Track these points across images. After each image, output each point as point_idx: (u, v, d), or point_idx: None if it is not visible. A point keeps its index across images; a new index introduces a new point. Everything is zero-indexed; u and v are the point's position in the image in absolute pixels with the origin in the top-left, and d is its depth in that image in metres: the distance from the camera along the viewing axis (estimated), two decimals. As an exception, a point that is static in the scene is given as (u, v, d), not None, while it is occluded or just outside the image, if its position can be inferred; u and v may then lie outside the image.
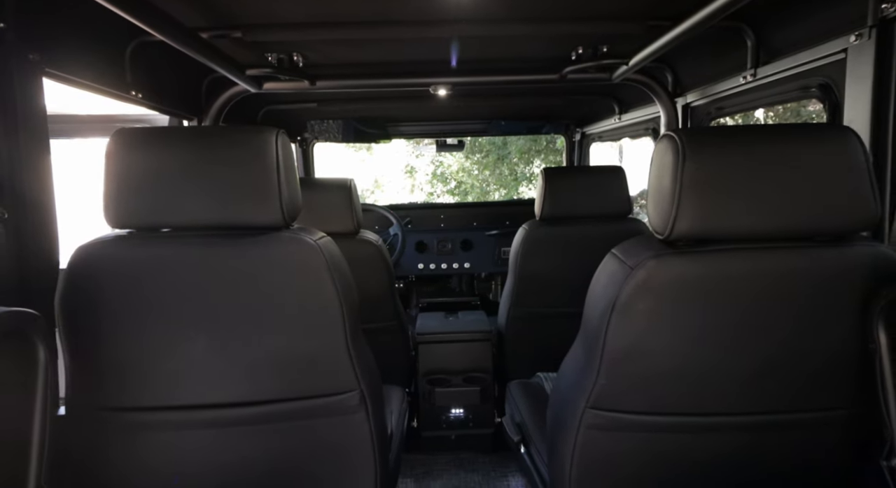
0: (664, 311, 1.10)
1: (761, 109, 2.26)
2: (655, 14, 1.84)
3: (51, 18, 1.42)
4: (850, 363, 1.13)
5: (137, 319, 1.18)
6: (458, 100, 3.10)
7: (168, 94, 2.12)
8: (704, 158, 1.05)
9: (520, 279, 2.47)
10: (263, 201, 1.17)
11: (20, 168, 1.28)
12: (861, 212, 1.04)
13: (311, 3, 1.72)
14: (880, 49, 1.35)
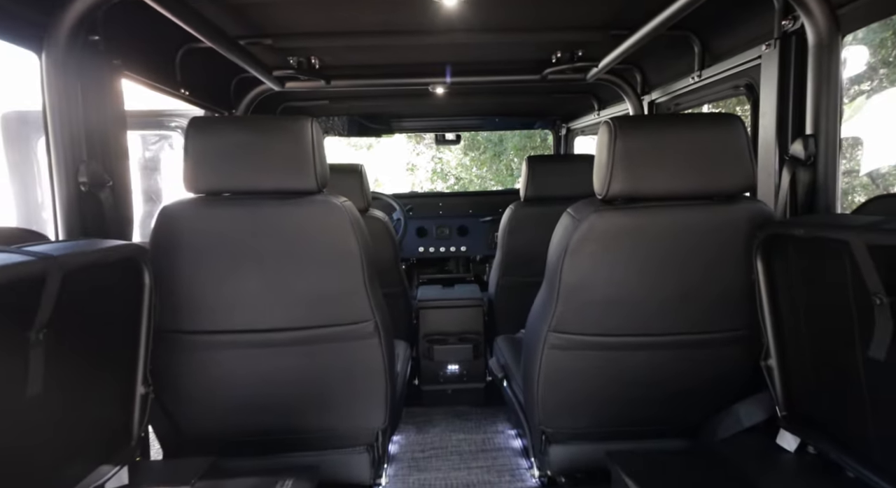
0: (603, 253, 1.48)
1: (707, 105, 2.63)
2: (616, 24, 2.21)
3: (128, 30, 1.79)
4: (743, 292, 1.50)
5: (205, 263, 1.55)
6: (455, 98, 3.47)
7: (205, 91, 2.49)
8: (630, 138, 1.43)
9: (506, 253, 2.85)
10: (301, 172, 1.54)
11: (111, 149, 1.65)
12: (743, 179, 1.42)
13: (330, 16, 2.09)
14: (782, 55, 1.72)
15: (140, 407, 1.43)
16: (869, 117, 6.13)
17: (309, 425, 1.77)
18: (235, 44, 2.16)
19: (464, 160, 10.86)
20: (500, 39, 2.40)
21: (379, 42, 2.39)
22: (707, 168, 1.42)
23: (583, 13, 2.13)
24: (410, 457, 2.45)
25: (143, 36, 1.91)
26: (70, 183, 1.45)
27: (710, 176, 1.43)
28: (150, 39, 1.99)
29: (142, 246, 1.35)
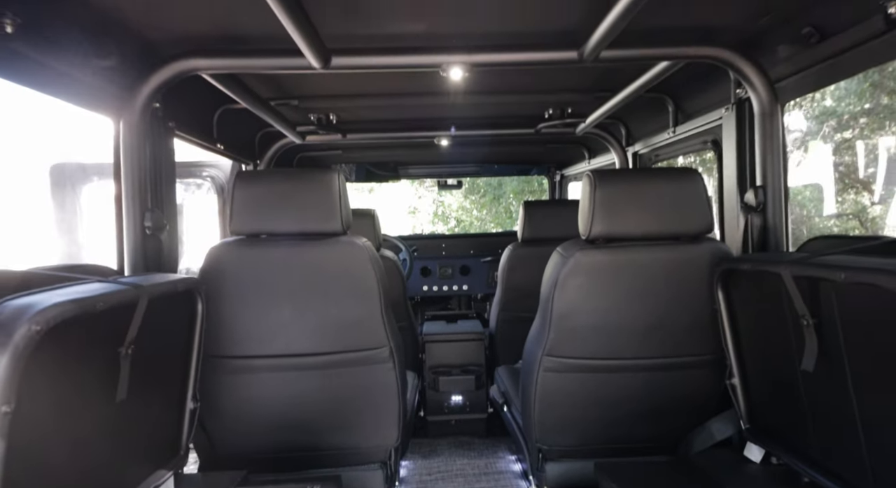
0: (588, 286, 1.73)
1: (682, 157, 2.93)
2: (600, 88, 2.53)
3: (179, 97, 2.08)
4: (709, 320, 1.74)
5: (246, 296, 1.80)
6: (457, 147, 3.80)
7: (235, 144, 2.80)
8: (608, 189, 1.71)
9: (506, 290, 3.10)
10: (330, 217, 1.81)
11: (165, 197, 1.93)
12: (703, 222, 1.68)
13: (351, 82, 2.41)
14: (738, 118, 2.02)
15: (189, 421, 1.64)
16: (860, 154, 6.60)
17: (329, 442, 1.97)
18: (267, 104, 2.48)
19: (464, 203, 11.23)
20: (498, 100, 2.73)
21: (391, 102, 2.71)
22: (673, 213, 1.69)
23: (570, 78, 2.46)
24: (418, 480, 2.62)
25: (191, 101, 2.22)
26: (137, 227, 1.72)
27: (675, 220, 1.69)
28: (196, 103, 2.30)
29: (198, 279, 1.60)
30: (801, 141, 7.45)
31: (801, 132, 7.50)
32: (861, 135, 7.35)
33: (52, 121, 3.45)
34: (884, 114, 7.19)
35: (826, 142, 7.42)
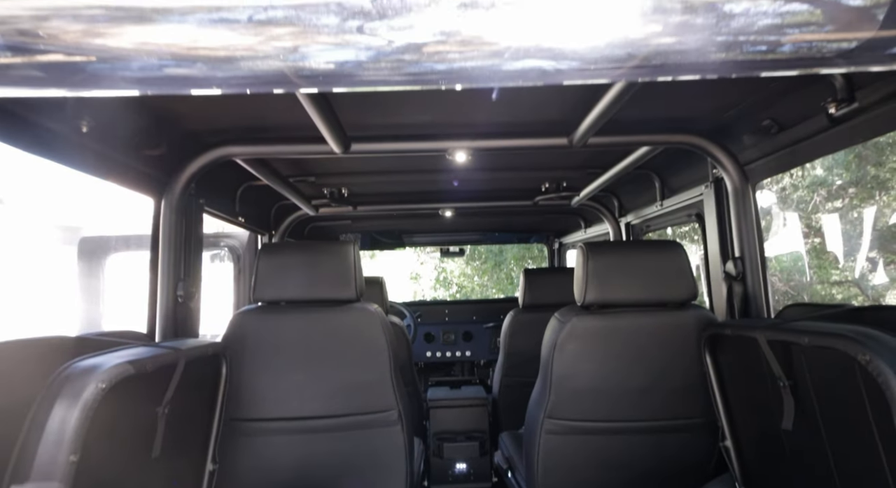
0: (584, 349, 1.86)
1: (670, 228, 3.14)
2: (591, 165, 2.77)
3: (209, 177, 2.30)
4: (699, 383, 1.86)
5: (265, 361, 1.93)
6: (459, 217, 4.02)
7: (253, 217, 3.01)
8: (599, 259, 1.88)
9: (507, 355, 3.20)
10: (345, 285, 1.97)
11: (193, 268, 2.10)
12: (687, 290, 1.84)
13: (362, 161, 2.65)
14: (717, 195, 2.22)
15: (207, 483, 1.73)
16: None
17: None
18: (286, 181, 2.71)
19: (466, 269, 11.41)
20: (498, 175, 2.97)
21: (399, 178, 2.95)
22: (659, 282, 1.85)
23: (563, 157, 2.70)
24: (423, 549, 2.61)
25: (219, 180, 2.44)
26: (171, 295, 1.87)
27: (662, 288, 1.85)
28: (224, 182, 2.53)
29: (224, 344, 1.74)
30: (799, 209, 7.74)
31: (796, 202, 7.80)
32: (851, 204, 7.64)
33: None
34: (871, 184, 7.52)
35: (819, 211, 7.70)
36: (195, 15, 0.58)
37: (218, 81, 0.64)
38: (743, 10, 0.56)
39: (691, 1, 0.56)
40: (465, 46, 0.60)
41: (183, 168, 1.91)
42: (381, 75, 0.63)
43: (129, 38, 0.57)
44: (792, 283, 8.08)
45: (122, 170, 1.73)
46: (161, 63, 0.60)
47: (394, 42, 0.60)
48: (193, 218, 2.11)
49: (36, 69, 0.59)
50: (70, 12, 0.56)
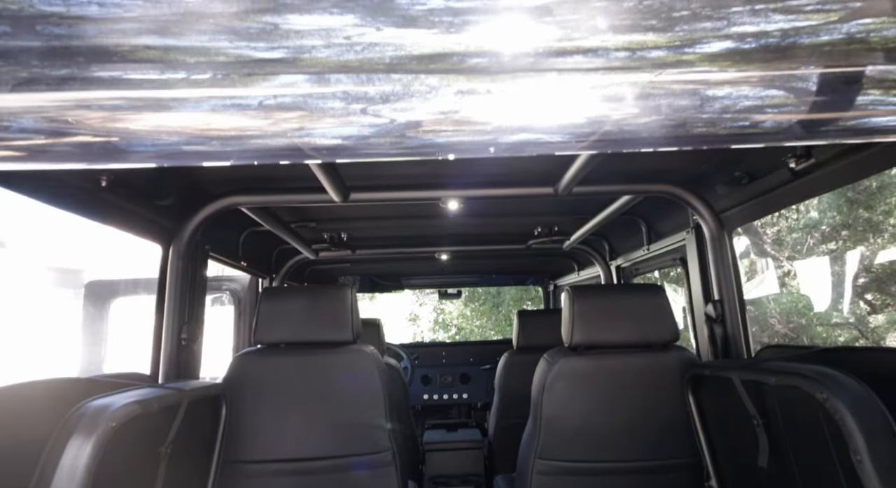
0: (572, 389, 1.93)
1: (658, 271, 3.24)
2: (580, 211, 2.89)
3: (216, 224, 2.42)
4: (683, 425, 1.91)
5: (264, 402, 1.99)
6: (456, 260, 4.13)
7: (254, 260, 3.11)
8: (585, 303, 1.97)
9: (502, 396, 3.24)
10: (343, 328, 2.05)
11: (195, 309, 2.19)
12: (668, 332, 1.92)
13: (361, 208, 2.78)
14: (697, 240, 2.33)
15: None
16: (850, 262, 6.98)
17: None
18: (287, 227, 2.82)
19: (465, 311, 11.44)
20: (492, 220, 3.09)
21: (396, 223, 3.07)
22: (643, 324, 1.94)
23: (553, 203, 2.82)
24: None
25: (224, 226, 2.56)
26: (175, 338, 1.96)
27: (645, 330, 1.93)
28: (228, 228, 2.65)
29: (224, 385, 1.81)
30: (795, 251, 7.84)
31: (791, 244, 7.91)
32: (844, 246, 7.75)
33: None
34: (862, 227, 7.66)
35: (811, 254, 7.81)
36: (209, 102, 0.70)
37: (228, 155, 0.75)
38: (694, 100, 0.69)
39: (640, 90, 0.68)
40: (459, 125, 0.71)
41: (191, 217, 2.03)
42: (382, 149, 0.74)
43: (147, 122, 0.69)
44: (791, 325, 8.11)
45: (135, 219, 1.84)
46: (176, 140, 0.71)
47: (395, 120, 0.72)
48: (199, 263, 2.22)
49: (64, 148, 0.69)
50: (94, 102, 0.67)
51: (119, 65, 0.67)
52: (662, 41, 0.68)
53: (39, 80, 0.65)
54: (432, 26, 0.70)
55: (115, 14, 0.68)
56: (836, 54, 0.68)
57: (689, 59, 0.68)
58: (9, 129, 0.68)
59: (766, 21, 0.68)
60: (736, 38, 0.69)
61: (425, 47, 0.68)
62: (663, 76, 0.68)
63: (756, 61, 0.69)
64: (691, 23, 0.69)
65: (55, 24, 0.67)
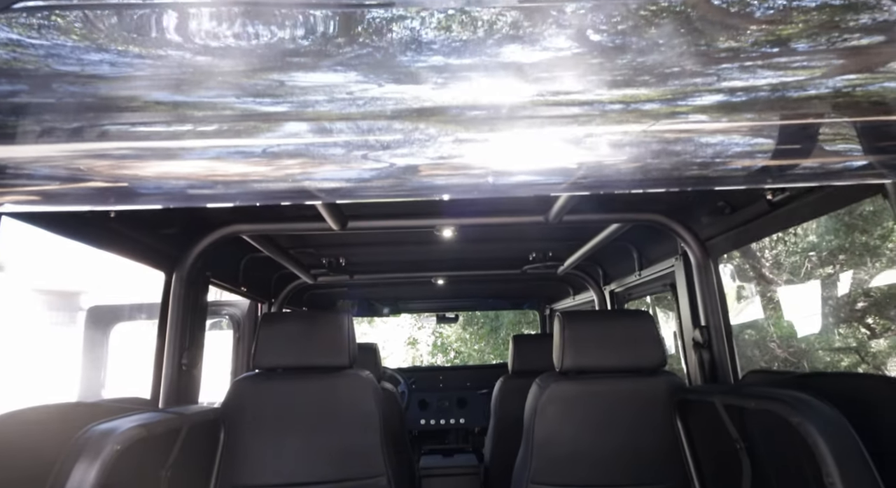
0: (563, 413, 1.97)
1: (649, 296, 3.31)
2: (573, 237, 2.97)
3: (217, 251, 2.49)
4: (672, 449, 1.95)
5: (262, 427, 2.03)
6: (453, 285, 4.19)
7: (254, 285, 3.17)
8: (575, 328, 2.02)
9: (498, 420, 3.27)
10: (339, 353, 2.10)
11: (195, 335, 2.24)
12: (656, 358, 1.98)
13: (358, 234, 2.85)
14: (685, 267, 2.40)
15: None
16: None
17: None
18: (286, 253, 2.89)
19: (463, 334, 11.44)
20: (487, 246, 3.16)
21: (393, 249, 3.15)
22: (631, 349, 1.99)
23: (547, 230, 2.90)
24: None
25: (224, 253, 2.63)
26: (176, 364, 2.01)
27: (633, 355, 1.99)
28: (228, 255, 2.72)
29: (223, 410, 1.85)
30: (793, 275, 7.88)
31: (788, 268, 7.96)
32: (841, 270, 7.80)
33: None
34: (859, 251, 7.72)
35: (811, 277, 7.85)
36: (214, 150, 0.76)
37: (232, 197, 0.81)
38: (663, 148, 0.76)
39: (632, 138, 0.76)
40: (456, 169, 0.78)
41: (193, 245, 2.10)
42: (381, 190, 0.79)
43: (154, 169, 0.75)
44: (791, 350, 8.11)
45: (140, 248, 1.91)
46: (182, 184, 0.77)
47: (395, 165, 0.78)
48: (200, 289, 2.28)
49: (76, 192, 0.75)
50: (104, 152, 0.74)
51: (129, 118, 0.73)
52: (655, 95, 0.76)
53: (54, 132, 0.72)
54: (432, 82, 0.77)
55: (126, 73, 0.76)
56: (811, 106, 0.76)
57: (677, 111, 0.76)
58: (26, 176, 0.74)
59: (745, 79, 0.77)
60: (726, 92, 0.77)
61: (426, 101, 0.75)
62: (655, 126, 0.75)
63: (738, 112, 0.77)
64: (680, 78, 0.77)
65: (70, 83, 0.74)
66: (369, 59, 0.81)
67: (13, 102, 0.73)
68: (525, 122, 0.76)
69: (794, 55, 0.80)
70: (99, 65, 0.77)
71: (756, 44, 0.81)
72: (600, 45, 0.85)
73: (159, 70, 0.77)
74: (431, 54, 0.81)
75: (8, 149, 0.73)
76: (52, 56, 0.77)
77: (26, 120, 0.73)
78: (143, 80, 0.76)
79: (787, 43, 0.80)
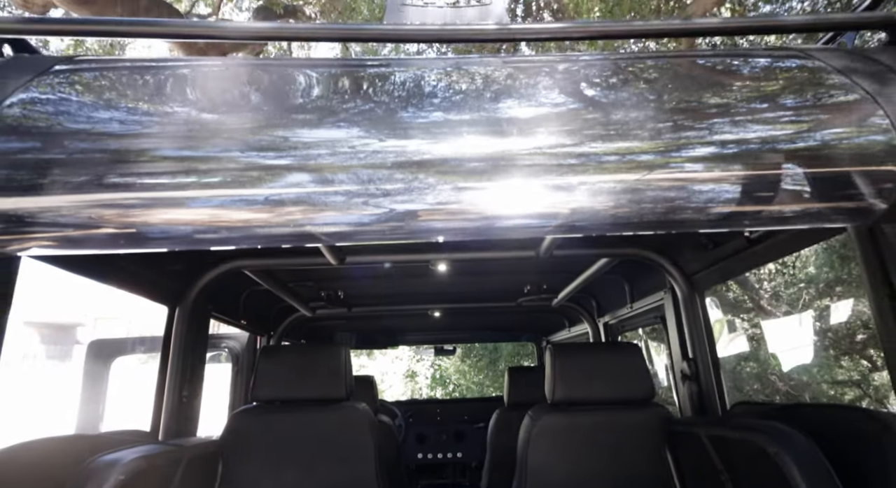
0: (555, 445, 2.01)
1: (642, 328, 3.36)
2: (564, 270, 3.04)
3: (218, 285, 2.56)
4: (661, 480, 1.98)
5: (257, 458, 2.06)
6: (450, 317, 4.24)
7: (253, 318, 3.23)
8: (566, 360, 2.08)
9: (493, 454, 3.28)
10: (336, 385, 2.15)
11: (196, 367, 2.29)
12: (645, 390, 2.02)
13: (355, 269, 2.92)
14: (673, 300, 2.47)
15: None
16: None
17: None
18: (286, 286, 2.96)
19: (462, 367, 11.38)
20: (482, 279, 3.24)
21: (390, 281, 3.22)
22: (620, 381, 2.04)
23: (539, 264, 2.97)
24: None
25: (226, 287, 2.70)
26: (177, 396, 2.05)
27: (622, 387, 2.04)
28: (230, 289, 2.79)
29: (221, 442, 1.89)
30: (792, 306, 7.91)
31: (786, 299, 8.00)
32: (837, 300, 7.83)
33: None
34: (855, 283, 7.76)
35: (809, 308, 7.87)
36: (219, 199, 0.83)
37: (235, 241, 0.88)
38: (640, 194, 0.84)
39: (625, 186, 0.83)
40: (452, 214, 0.84)
41: (197, 280, 2.17)
42: (380, 234, 0.85)
43: (162, 216, 0.81)
44: (793, 382, 8.07)
45: (145, 283, 1.99)
46: (187, 230, 0.83)
47: (395, 210, 0.84)
48: (202, 323, 2.34)
49: (85, 238, 0.80)
50: (112, 202, 0.80)
51: (140, 169, 0.80)
52: (638, 147, 0.84)
53: (64, 184, 0.78)
54: (433, 136, 0.84)
55: (134, 130, 0.83)
56: (780, 158, 0.85)
57: (658, 163, 0.84)
58: (48, 224, 0.81)
59: (720, 134, 0.86)
60: (705, 145, 0.86)
61: (426, 154, 0.82)
62: (637, 176, 0.83)
63: (716, 163, 0.85)
64: (662, 133, 0.86)
65: (80, 140, 0.81)
66: (371, 115, 0.88)
67: (38, 158, 0.80)
68: (518, 170, 0.83)
69: (764, 113, 0.89)
70: (108, 123, 0.85)
71: (726, 106, 0.91)
72: (591, 99, 0.95)
73: (166, 127, 0.84)
74: (432, 110, 0.89)
75: (32, 199, 0.80)
76: (66, 113, 0.85)
77: (48, 173, 0.80)
78: (150, 136, 0.83)
79: (753, 106, 0.90)
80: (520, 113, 0.89)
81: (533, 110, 0.91)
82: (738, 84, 0.97)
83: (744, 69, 1.01)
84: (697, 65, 1.04)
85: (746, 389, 7.40)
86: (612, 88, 0.99)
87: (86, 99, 0.88)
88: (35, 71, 0.88)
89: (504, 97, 0.93)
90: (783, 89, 0.93)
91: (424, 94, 0.95)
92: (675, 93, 0.95)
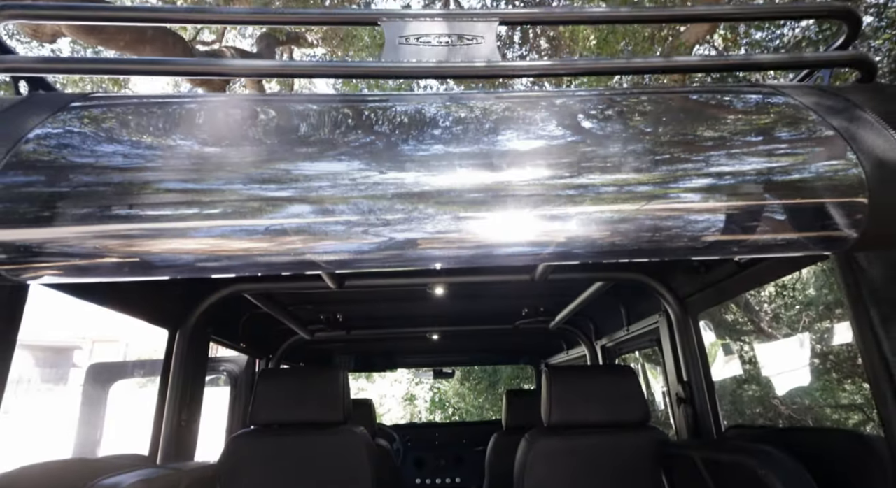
0: (551, 469, 2.02)
1: (638, 351, 3.38)
2: (561, 294, 3.07)
3: (219, 309, 2.59)
4: None
5: (255, 482, 2.06)
6: (448, 340, 4.25)
7: (252, 342, 3.25)
8: (562, 383, 2.10)
9: (492, 477, 3.26)
10: (334, 409, 2.16)
11: (194, 391, 2.30)
12: (640, 413, 2.04)
13: (354, 292, 2.96)
14: (668, 323, 2.50)
15: None
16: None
17: None
18: (285, 309, 2.99)
19: (461, 390, 11.30)
20: (480, 302, 3.27)
21: (389, 305, 3.25)
22: (615, 404, 2.06)
23: (536, 287, 3.01)
24: None
25: (226, 311, 2.73)
26: (175, 419, 2.07)
27: (617, 410, 2.05)
28: (230, 312, 2.81)
29: (219, 466, 1.90)
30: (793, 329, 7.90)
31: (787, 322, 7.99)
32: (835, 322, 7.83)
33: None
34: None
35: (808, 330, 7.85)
36: (220, 229, 0.87)
37: (236, 269, 0.91)
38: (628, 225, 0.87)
39: (623, 216, 0.86)
40: (450, 242, 0.87)
41: (198, 304, 2.21)
42: (380, 262, 0.87)
43: (162, 247, 0.85)
44: (795, 406, 8.02)
45: (147, 307, 2.02)
46: (189, 259, 0.86)
47: (394, 239, 0.87)
48: (201, 346, 2.37)
49: (91, 267, 0.84)
50: (116, 233, 0.83)
51: (147, 202, 0.84)
52: (633, 179, 0.88)
53: (78, 216, 0.82)
54: (431, 168, 0.88)
55: (137, 164, 0.88)
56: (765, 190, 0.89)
57: (652, 194, 0.89)
58: (54, 255, 0.84)
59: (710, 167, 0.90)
60: (696, 177, 0.90)
61: (424, 185, 0.86)
62: (631, 206, 0.87)
63: (707, 194, 0.89)
64: (656, 166, 0.90)
65: (85, 173, 0.85)
66: (371, 148, 0.93)
67: (55, 191, 0.84)
68: (513, 201, 0.87)
69: (740, 148, 0.94)
70: (112, 156, 0.89)
71: (707, 140, 0.96)
72: (580, 133, 0.99)
73: (169, 161, 0.88)
74: (431, 143, 0.94)
75: (48, 231, 0.84)
76: (81, 149, 0.90)
77: (63, 206, 0.84)
78: (153, 170, 0.87)
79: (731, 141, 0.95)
80: (514, 146, 0.94)
81: (526, 143, 0.96)
82: (719, 120, 1.02)
83: (725, 105, 1.07)
84: (681, 101, 1.09)
85: (748, 413, 7.35)
86: (598, 122, 1.04)
87: (100, 135, 0.93)
88: (52, 108, 0.93)
89: (499, 130, 0.98)
90: (758, 125, 0.98)
91: (423, 127, 0.99)
92: (659, 127, 1.01)
